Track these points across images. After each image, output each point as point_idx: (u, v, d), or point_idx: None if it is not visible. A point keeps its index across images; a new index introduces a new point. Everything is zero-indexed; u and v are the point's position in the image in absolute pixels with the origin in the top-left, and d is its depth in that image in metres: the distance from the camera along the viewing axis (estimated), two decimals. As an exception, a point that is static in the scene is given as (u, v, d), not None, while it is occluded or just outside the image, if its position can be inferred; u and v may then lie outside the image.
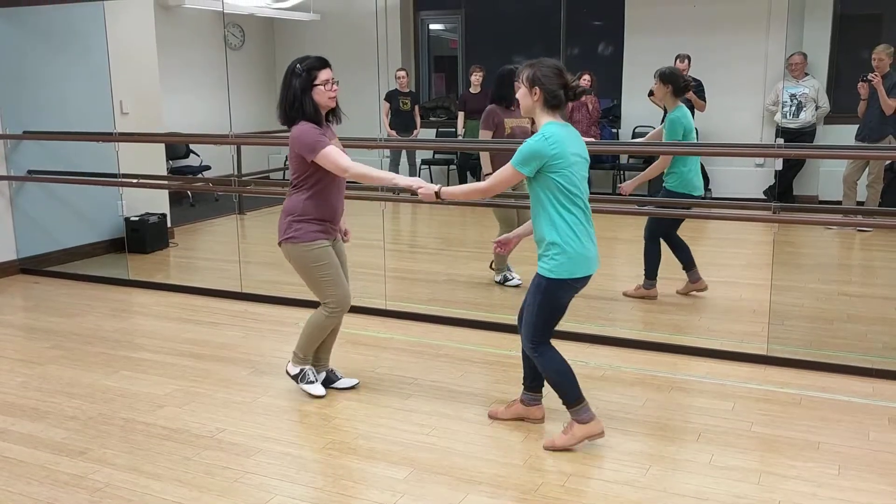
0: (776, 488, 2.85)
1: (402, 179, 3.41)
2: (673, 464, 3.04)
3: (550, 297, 3.07)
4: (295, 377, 3.74)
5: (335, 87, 3.51)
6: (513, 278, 5.55)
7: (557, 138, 2.98)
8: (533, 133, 4.49)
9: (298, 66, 3.46)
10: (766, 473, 2.96)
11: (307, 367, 3.73)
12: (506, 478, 2.95)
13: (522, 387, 3.41)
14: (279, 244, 3.59)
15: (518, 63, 3.39)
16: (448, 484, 2.91)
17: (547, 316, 3.11)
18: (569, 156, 2.98)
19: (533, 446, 3.20)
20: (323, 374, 3.79)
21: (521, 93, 3.09)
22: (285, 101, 3.47)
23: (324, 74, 3.47)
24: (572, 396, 3.14)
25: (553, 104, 3.05)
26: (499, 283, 5.58)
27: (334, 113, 3.61)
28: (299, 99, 3.44)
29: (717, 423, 3.39)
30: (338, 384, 3.80)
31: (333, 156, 3.39)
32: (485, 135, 5.28)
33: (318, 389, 3.70)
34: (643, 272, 5.19)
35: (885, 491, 2.82)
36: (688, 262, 5.18)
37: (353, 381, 3.83)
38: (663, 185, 5.07)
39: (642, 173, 5.30)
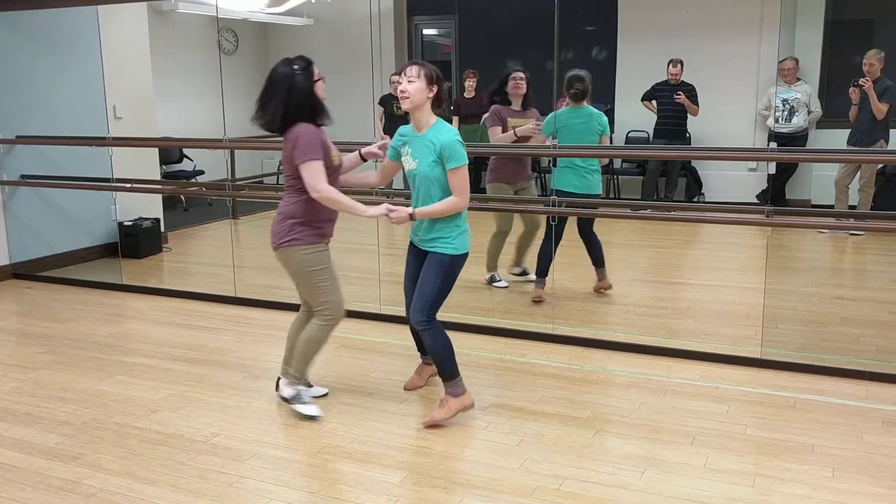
0: (771, 491, 2.86)
1: (372, 210, 3.37)
2: (668, 467, 3.05)
3: (452, 273, 3.40)
4: (291, 399, 3.59)
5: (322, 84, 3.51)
6: (500, 279, 5.59)
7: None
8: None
9: (295, 66, 3.41)
10: (760, 476, 2.97)
11: (302, 388, 3.61)
12: (501, 481, 2.95)
13: (420, 353, 3.83)
14: (274, 248, 3.47)
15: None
16: (443, 488, 2.91)
17: (446, 290, 3.41)
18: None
19: (528, 450, 3.20)
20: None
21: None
22: (289, 105, 3.34)
23: (316, 70, 3.48)
24: (452, 369, 3.42)
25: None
26: (487, 282, 5.61)
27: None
28: (308, 98, 3.37)
29: (712, 427, 3.39)
30: (310, 392, 3.70)
31: (316, 172, 3.29)
32: (495, 132, 5.32)
33: (313, 410, 3.55)
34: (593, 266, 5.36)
35: (879, 493, 2.83)
36: (598, 260, 5.35)
37: (324, 391, 3.79)
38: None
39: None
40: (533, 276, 5.41)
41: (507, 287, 5.49)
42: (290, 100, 3.35)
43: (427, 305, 3.38)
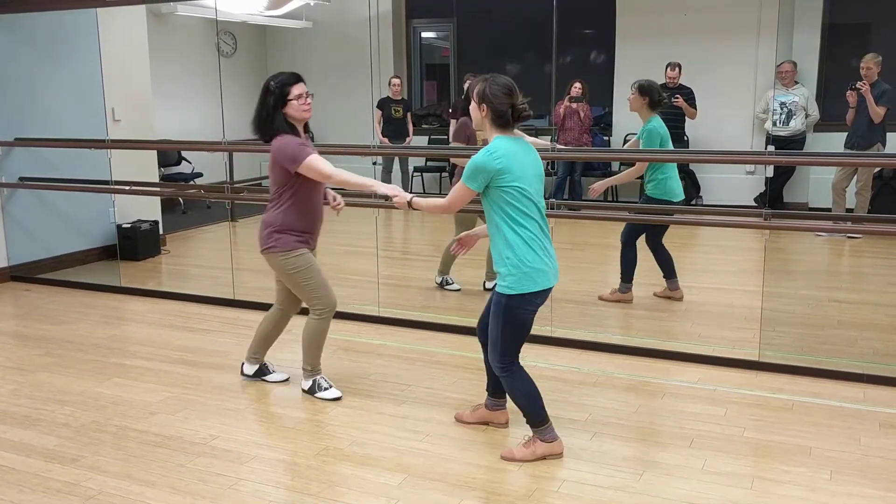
0: (769, 493, 2.86)
1: (381, 187, 3.49)
2: (666, 469, 3.05)
3: (512, 315, 3.04)
4: (309, 391, 3.80)
5: (308, 100, 3.60)
6: (453, 282, 5.62)
7: (503, 153, 2.93)
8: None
9: (272, 83, 3.56)
10: (758, 478, 2.97)
11: (317, 376, 3.80)
12: (500, 484, 2.96)
13: (487, 392, 3.44)
14: (260, 253, 3.70)
15: (505, 72, 3.40)
16: (442, 490, 2.92)
17: (512, 334, 3.07)
18: (516, 170, 2.94)
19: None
20: (256, 367, 4.00)
21: (472, 107, 3.09)
22: (259, 118, 3.59)
23: (297, 89, 3.56)
24: (537, 419, 3.13)
25: (499, 123, 3.02)
26: (439, 285, 5.63)
27: (307, 128, 3.72)
28: (271, 115, 3.54)
29: (710, 429, 3.40)
30: (269, 378, 4.00)
31: (317, 163, 3.49)
32: (458, 146, 5.29)
33: (333, 393, 3.76)
34: (619, 276, 5.28)
35: (876, 495, 2.84)
36: (669, 272, 5.26)
37: (285, 376, 4.00)
38: (645, 192, 5.14)
39: (614, 177, 5.43)
40: (456, 286, 5.56)
41: (459, 290, 5.57)
42: (259, 114, 3.58)
43: (497, 354, 3.10)
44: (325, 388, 3.77)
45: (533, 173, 3.02)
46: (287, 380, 3.97)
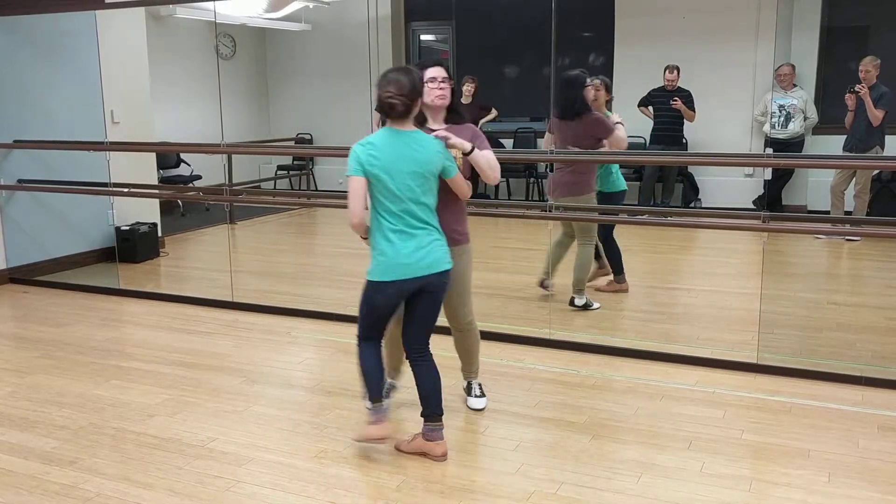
0: (767, 495, 2.86)
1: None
2: (664, 471, 3.05)
3: (367, 298, 3.15)
4: (584, 306, 4.48)
5: (441, 85, 3.30)
6: (593, 304, 5.25)
7: (374, 143, 3.02)
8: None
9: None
10: (756, 481, 2.97)
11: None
12: (498, 486, 2.96)
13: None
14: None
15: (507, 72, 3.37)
16: (440, 492, 2.91)
17: (366, 314, 3.18)
18: (382, 163, 2.98)
19: (525, 454, 3.21)
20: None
21: None
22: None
23: (429, 73, 3.31)
24: (366, 392, 3.21)
25: (382, 114, 3.07)
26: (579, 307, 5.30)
27: (451, 111, 3.41)
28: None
29: (708, 431, 3.40)
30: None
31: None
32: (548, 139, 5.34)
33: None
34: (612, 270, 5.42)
35: (874, 498, 2.84)
36: (618, 267, 5.45)
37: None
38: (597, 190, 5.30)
39: None
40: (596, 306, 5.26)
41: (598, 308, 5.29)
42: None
43: (359, 325, 3.27)
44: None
45: (406, 169, 3.02)
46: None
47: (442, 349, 4.50)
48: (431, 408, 3.21)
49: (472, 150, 3.25)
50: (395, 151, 3.02)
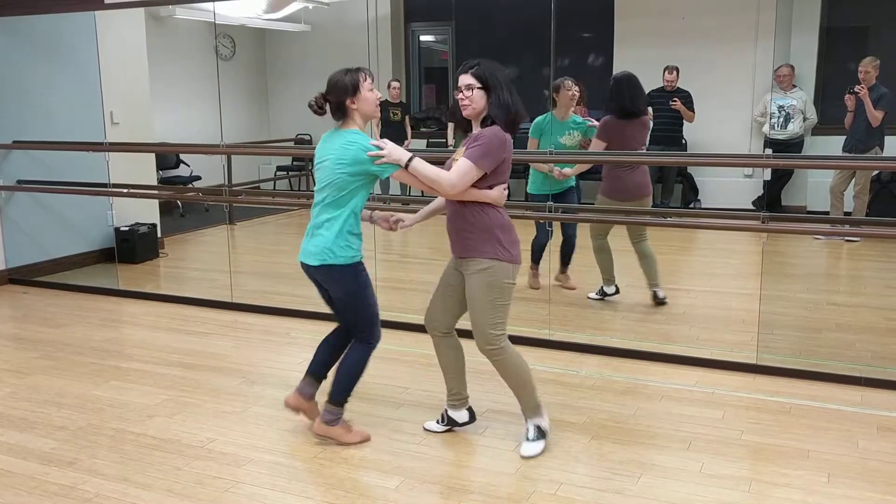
0: (766, 496, 2.86)
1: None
2: (664, 472, 3.05)
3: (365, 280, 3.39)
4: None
5: (465, 93, 3.19)
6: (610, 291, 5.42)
7: (319, 143, 3.27)
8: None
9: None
10: (756, 481, 2.97)
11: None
12: (497, 486, 2.96)
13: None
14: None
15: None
16: (440, 493, 2.91)
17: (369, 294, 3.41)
18: (317, 159, 3.24)
19: (524, 455, 3.21)
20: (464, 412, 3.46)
21: None
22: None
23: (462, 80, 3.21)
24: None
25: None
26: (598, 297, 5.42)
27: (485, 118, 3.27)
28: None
29: (708, 432, 3.40)
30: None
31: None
32: (597, 145, 5.13)
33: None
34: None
35: (874, 498, 2.84)
36: (567, 263, 5.55)
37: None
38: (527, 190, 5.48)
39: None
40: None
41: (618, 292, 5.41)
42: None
43: None
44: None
45: (319, 162, 3.23)
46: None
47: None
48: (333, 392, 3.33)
49: (409, 162, 3.12)
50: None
